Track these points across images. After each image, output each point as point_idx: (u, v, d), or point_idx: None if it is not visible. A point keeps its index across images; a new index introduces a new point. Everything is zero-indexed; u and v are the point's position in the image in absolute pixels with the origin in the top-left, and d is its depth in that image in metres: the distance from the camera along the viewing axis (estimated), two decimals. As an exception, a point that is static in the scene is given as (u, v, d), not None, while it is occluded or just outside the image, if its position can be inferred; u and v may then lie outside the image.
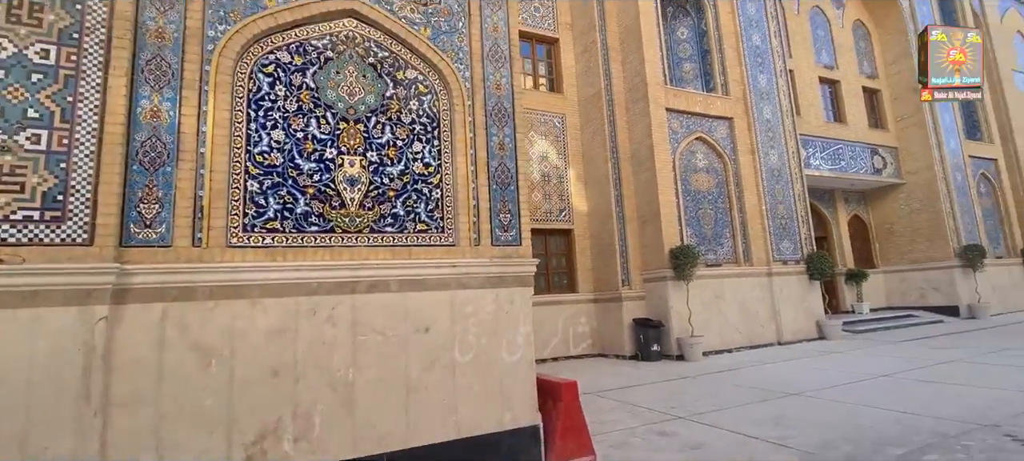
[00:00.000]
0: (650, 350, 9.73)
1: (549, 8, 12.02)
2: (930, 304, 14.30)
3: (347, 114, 3.82)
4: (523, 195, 4.31)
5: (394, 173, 3.88)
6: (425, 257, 3.81)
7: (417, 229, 3.89)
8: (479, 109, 4.22)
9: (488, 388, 3.83)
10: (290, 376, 3.28)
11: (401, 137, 3.96)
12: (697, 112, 11.15)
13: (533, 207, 10.78)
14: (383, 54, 4.01)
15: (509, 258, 4.08)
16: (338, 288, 3.48)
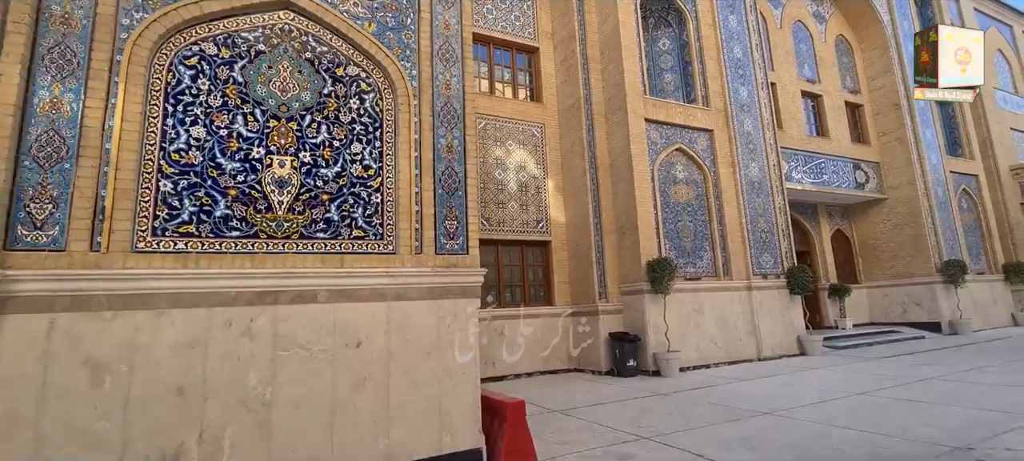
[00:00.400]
0: (626, 365, 9.44)
1: (529, 17, 11.88)
2: (912, 320, 14.15)
3: (279, 111, 3.55)
4: (473, 201, 4.05)
5: (329, 175, 3.61)
6: (360, 266, 3.53)
7: (353, 235, 3.61)
8: (426, 109, 3.97)
9: (426, 408, 3.54)
10: (197, 395, 2.97)
11: (339, 137, 3.70)
12: (677, 123, 10.99)
13: (510, 218, 10.53)
14: (322, 49, 3.76)
15: (454, 268, 3.81)
16: (259, 298, 3.19)
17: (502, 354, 9.79)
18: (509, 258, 10.60)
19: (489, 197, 10.39)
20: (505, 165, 10.71)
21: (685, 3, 11.90)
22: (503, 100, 11.10)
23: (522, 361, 9.97)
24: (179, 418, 2.90)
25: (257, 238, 3.32)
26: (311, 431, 3.19)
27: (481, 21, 11.23)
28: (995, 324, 14.46)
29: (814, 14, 15.68)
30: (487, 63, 11.36)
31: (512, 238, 10.52)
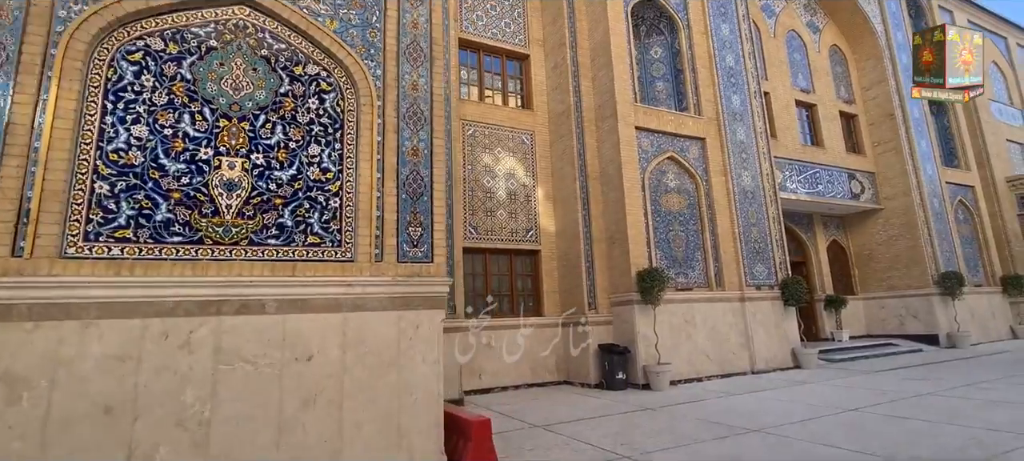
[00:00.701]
0: (615, 378, 9.17)
1: (520, 24, 11.74)
2: (909, 332, 13.87)
3: (230, 110, 3.35)
4: (439, 207, 3.83)
5: (284, 178, 3.39)
6: (314, 274, 3.31)
7: (307, 242, 3.39)
8: (391, 110, 3.77)
9: (383, 427, 3.29)
10: (127, 413, 2.73)
11: (295, 138, 3.49)
12: (668, 131, 10.80)
13: (498, 226, 10.31)
14: (279, 47, 3.57)
15: (416, 277, 3.58)
16: (200, 308, 2.96)
17: (489, 365, 9.52)
18: (498, 267, 10.37)
19: (477, 205, 10.18)
20: (494, 173, 10.51)
21: (677, 11, 11.77)
22: (492, 107, 10.93)
23: (510, 373, 9.70)
24: (105, 438, 2.67)
25: (202, 244, 3.10)
26: (253, 452, 2.95)
27: (470, 27, 11.10)
28: (994, 337, 14.19)
29: (808, 24, 15.58)
30: (477, 70, 11.21)
31: (501, 247, 10.29)
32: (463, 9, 11.06)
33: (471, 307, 9.87)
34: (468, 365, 9.29)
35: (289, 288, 3.18)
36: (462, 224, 9.86)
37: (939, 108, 16.70)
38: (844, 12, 15.77)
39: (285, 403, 3.07)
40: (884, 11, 15.71)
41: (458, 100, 10.44)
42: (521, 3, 11.83)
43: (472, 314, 9.78)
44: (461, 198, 9.94)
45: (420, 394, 3.43)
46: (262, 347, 3.07)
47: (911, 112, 14.99)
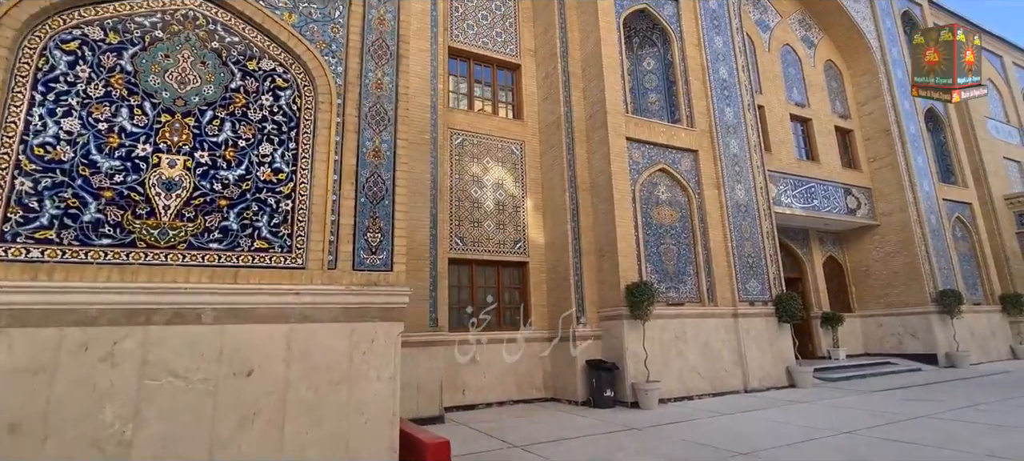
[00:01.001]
0: (603, 396, 8.84)
1: (512, 34, 11.62)
2: (908, 351, 13.56)
3: (174, 105, 3.12)
4: (401, 212, 3.59)
5: (230, 178, 3.16)
6: (258, 281, 3.06)
7: (254, 247, 3.14)
8: (352, 109, 3.55)
9: (330, 450, 3.02)
10: (36, 432, 2.47)
11: (246, 136, 3.26)
12: (660, 143, 10.60)
13: (485, 237, 10.05)
14: (232, 40, 3.36)
15: (374, 286, 3.33)
16: (127, 317, 2.71)
17: (473, 381, 9.21)
18: (484, 279, 10.09)
19: (464, 215, 9.94)
20: (482, 183, 10.29)
21: (670, 23, 11.66)
22: (482, 116, 10.74)
23: (494, 388, 9.37)
24: (10, 459, 2.40)
25: (133, 247, 2.85)
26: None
27: (461, 36, 10.96)
28: (994, 357, 13.87)
29: (803, 39, 15.50)
30: (467, 79, 11.05)
31: (488, 258, 10.03)
32: (453, 18, 10.93)
33: (456, 320, 9.59)
34: (452, 380, 8.98)
35: (229, 296, 2.93)
36: (448, 234, 9.62)
37: (935, 124, 16.58)
38: (839, 28, 15.71)
39: (219, 422, 2.80)
40: (879, 27, 15.65)
41: (447, 109, 10.26)
42: (513, 13, 11.72)
43: (457, 327, 9.49)
44: (447, 207, 9.70)
45: (373, 414, 3.16)
46: (195, 361, 2.81)
47: (907, 128, 14.84)
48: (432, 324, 8.42)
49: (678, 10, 11.80)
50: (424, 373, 8.10)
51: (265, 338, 2.98)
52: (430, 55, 9.59)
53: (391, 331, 3.33)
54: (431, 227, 8.79)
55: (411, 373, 8.06)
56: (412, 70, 9.24)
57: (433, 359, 8.25)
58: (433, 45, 9.72)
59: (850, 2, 15.48)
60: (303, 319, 3.10)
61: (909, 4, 17.32)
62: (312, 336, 3.10)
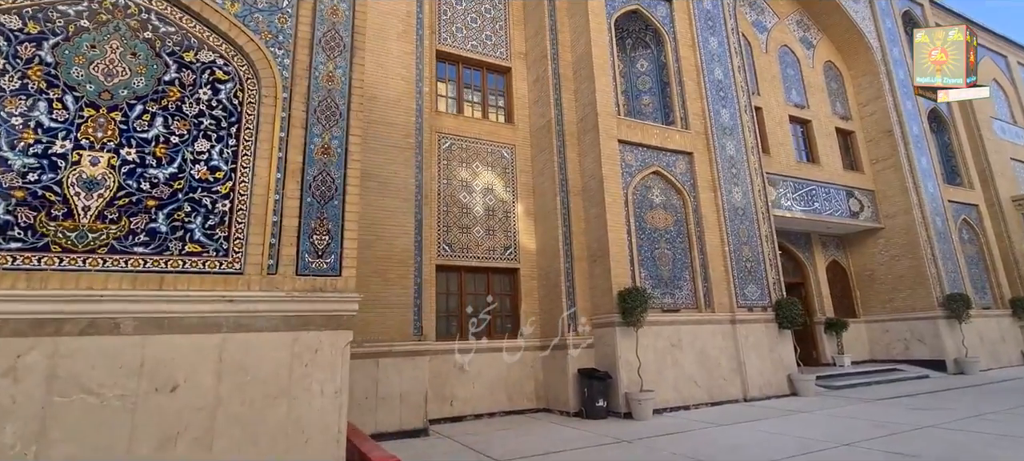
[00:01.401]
0: (595, 406, 8.49)
1: (502, 36, 11.40)
2: (915, 357, 13.08)
3: (99, 99, 2.88)
4: (353, 212, 3.33)
5: (160, 177, 2.91)
6: (187, 287, 2.80)
7: (185, 251, 2.89)
8: (299, 103, 3.30)
9: (264, 472, 2.75)
10: (-79, 457, 2.22)
11: (179, 131, 3.02)
12: (654, 145, 10.31)
13: (474, 243, 9.77)
14: (167, 30, 3.13)
15: (318, 292, 3.06)
16: (34, 328, 2.45)
17: (462, 391, 8.88)
18: (474, 286, 9.80)
19: (452, 221, 9.68)
20: (471, 188, 10.02)
21: (663, 24, 11.40)
22: (471, 120, 10.50)
23: (483, 399, 9.04)
24: None
25: (47, 252, 2.61)
26: (88, 505, 2.41)
27: (449, 40, 10.76)
28: (1004, 363, 13.35)
29: (801, 39, 15.19)
30: (456, 83, 10.84)
31: (477, 265, 9.74)
32: (442, 22, 10.74)
33: (444, 328, 9.29)
34: (439, 391, 8.67)
35: (153, 304, 2.67)
36: (435, 240, 9.35)
37: (939, 125, 16.18)
38: (838, 28, 15.39)
39: (138, 442, 2.53)
40: (879, 27, 15.32)
41: (434, 112, 10.04)
42: (503, 16, 11.52)
43: (445, 336, 9.20)
44: (434, 213, 9.44)
45: (315, 432, 2.88)
46: (112, 375, 2.55)
47: (910, 128, 14.46)
48: (417, 333, 8.13)
49: (671, 11, 11.56)
50: (408, 384, 7.79)
51: (193, 349, 2.72)
52: (416, 58, 9.38)
53: (337, 341, 3.06)
54: (416, 233, 8.52)
55: (394, 384, 7.76)
56: (396, 73, 9.03)
57: (418, 369, 7.94)
58: (419, 48, 9.51)
59: (849, 2, 15.17)
60: (238, 328, 2.84)
61: (910, 4, 16.99)
62: (247, 347, 2.83)
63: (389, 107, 8.75)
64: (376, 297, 7.93)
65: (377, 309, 7.89)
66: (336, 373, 3.00)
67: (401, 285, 8.15)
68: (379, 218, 8.29)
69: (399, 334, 7.93)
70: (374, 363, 7.63)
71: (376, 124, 8.60)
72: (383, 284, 8.05)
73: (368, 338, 7.71)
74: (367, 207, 8.27)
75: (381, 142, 8.60)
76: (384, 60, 8.99)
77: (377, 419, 7.52)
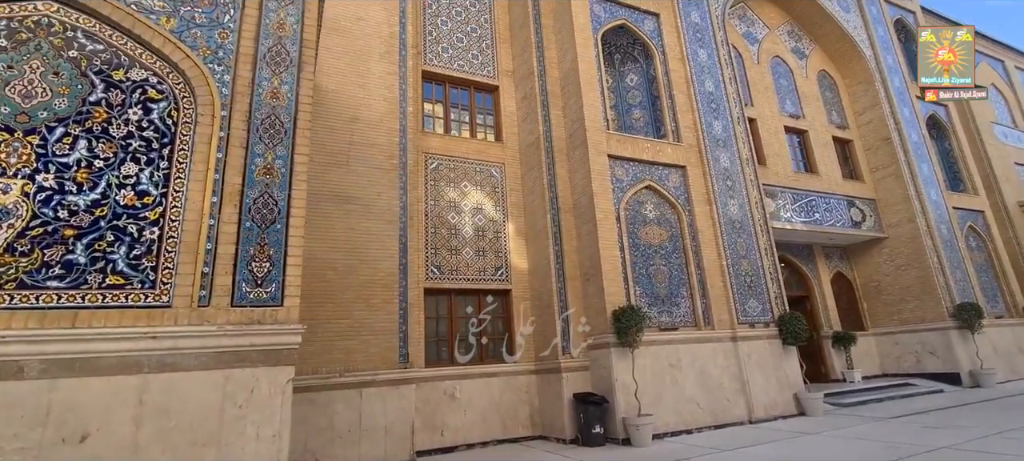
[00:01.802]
0: (592, 432, 8.05)
1: (489, 55, 11.29)
2: (928, 370, 12.54)
3: (14, 122, 2.66)
4: (297, 237, 3.07)
5: (81, 204, 2.67)
6: (105, 324, 2.53)
7: (106, 283, 2.62)
8: (239, 121, 3.07)
9: (187, 530, 2.43)
10: None
11: (104, 155, 2.79)
12: (645, 159, 10.05)
13: (464, 265, 9.48)
14: (95, 48, 2.93)
15: (256, 325, 2.78)
16: (-79, 376, 2.20)
17: (453, 420, 8.48)
18: (464, 309, 9.47)
19: (441, 243, 9.40)
20: (460, 208, 9.77)
21: (651, 38, 11.27)
22: (458, 139, 10.30)
23: (476, 427, 8.63)
24: None
25: (-57, 289, 2.36)
26: None
27: (435, 60, 10.65)
28: (1021, 374, 12.77)
29: (793, 50, 15.03)
30: (443, 103, 10.69)
31: (468, 287, 9.43)
32: (427, 42, 10.65)
33: (434, 354, 8.95)
34: (429, 420, 8.28)
35: (63, 344, 2.40)
36: (423, 263, 9.07)
37: (939, 132, 15.88)
38: (830, 38, 15.24)
39: (38, 503, 2.24)
40: (872, 35, 15.16)
41: (421, 133, 9.87)
42: (490, 35, 11.43)
43: (434, 361, 8.85)
44: (422, 235, 9.18)
45: (248, 481, 2.57)
46: (12, 425, 2.27)
47: (909, 135, 14.16)
48: (402, 360, 7.79)
49: (659, 25, 11.43)
50: (393, 414, 7.43)
51: (109, 393, 2.44)
52: (399, 78, 9.25)
53: (277, 377, 2.76)
54: (401, 255, 8.25)
55: (378, 415, 7.40)
56: (379, 93, 8.88)
57: (404, 399, 7.58)
58: (402, 68, 9.39)
59: (840, 11, 15.05)
60: (162, 368, 2.56)
61: (901, 12, 16.88)
62: (172, 388, 2.54)
63: (371, 128, 8.58)
64: (360, 323, 7.64)
65: (361, 336, 7.58)
66: (275, 414, 2.70)
67: (386, 310, 7.85)
68: (362, 241, 8.04)
69: (384, 362, 7.60)
70: (357, 393, 7.29)
71: (358, 145, 8.42)
72: (367, 310, 7.75)
73: (351, 367, 7.39)
74: (349, 231, 8.03)
75: (364, 164, 8.40)
76: (366, 81, 8.86)
77: (361, 452, 7.14)
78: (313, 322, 7.30)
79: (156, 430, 2.48)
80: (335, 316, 7.46)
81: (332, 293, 7.56)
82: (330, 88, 8.52)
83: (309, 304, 7.41)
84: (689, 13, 11.86)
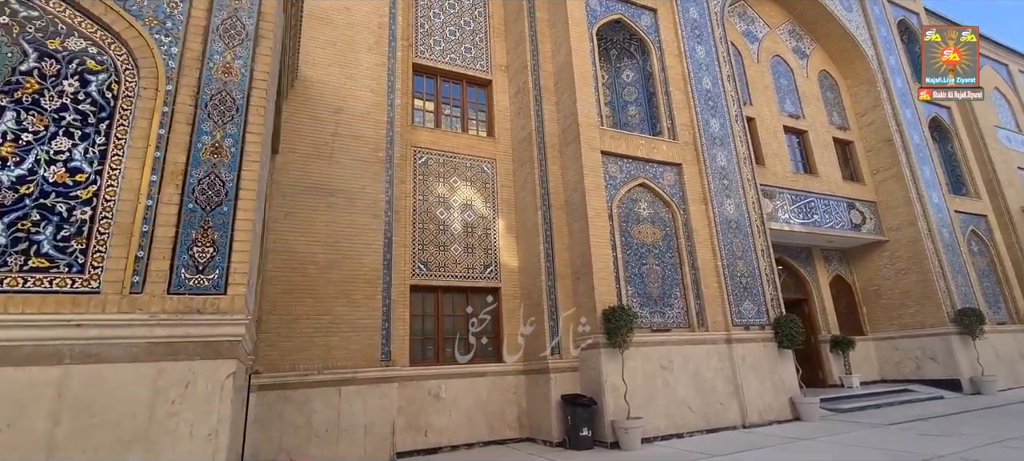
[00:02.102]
0: (579, 435, 7.81)
1: (482, 48, 11.07)
2: (928, 376, 12.27)
3: (-68, 90, 2.47)
4: (245, 220, 2.84)
5: (3, 181, 2.46)
6: (22, 310, 2.32)
7: (29, 266, 2.41)
8: (186, 96, 2.86)
9: (106, 537, 2.21)
10: None
11: (34, 128, 2.57)
12: (640, 157, 9.81)
13: (452, 261, 9.25)
14: (29, 13, 2.72)
15: (195, 314, 2.56)
16: None
17: (437, 420, 8.24)
18: (452, 307, 9.25)
19: (428, 239, 9.18)
20: (449, 204, 9.55)
21: (648, 33, 11.04)
22: (449, 134, 10.08)
23: (461, 428, 8.39)
24: None
25: None
26: None
27: (427, 53, 10.43)
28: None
29: (794, 49, 14.79)
30: (434, 96, 10.48)
31: (455, 284, 9.20)
32: (419, 35, 10.43)
33: (419, 352, 8.72)
34: (413, 420, 8.04)
35: (-28, 332, 2.19)
36: (410, 259, 8.85)
37: (941, 134, 15.63)
38: (832, 38, 14.99)
39: (-65, 506, 2.03)
40: (874, 35, 14.91)
41: (410, 127, 9.65)
42: (484, 28, 11.22)
43: (419, 360, 8.62)
44: (409, 230, 8.96)
45: (178, 486, 2.35)
46: (-91, 420, 2.06)
47: (911, 137, 13.91)
48: (384, 358, 7.56)
49: (656, 20, 11.20)
50: (373, 413, 7.20)
51: (23, 386, 2.22)
52: (387, 70, 9.03)
53: (217, 372, 2.54)
54: (385, 251, 8.03)
55: (358, 414, 7.18)
56: (366, 85, 8.67)
57: (385, 398, 7.36)
58: (391, 60, 9.17)
59: (842, 11, 14.81)
60: (85, 358, 2.34)
61: (905, 13, 16.63)
62: (97, 381, 2.33)
63: (357, 120, 8.37)
64: (341, 320, 7.41)
65: (341, 332, 7.36)
66: (211, 412, 2.47)
67: (368, 307, 7.62)
68: (345, 235, 7.82)
69: (365, 359, 7.37)
70: (336, 391, 7.06)
71: (343, 137, 8.20)
72: (348, 306, 7.53)
73: (330, 364, 7.16)
74: (332, 224, 7.82)
75: (349, 156, 8.19)
76: (353, 71, 8.65)
77: (339, 452, 6.91)
78: (291, 317, 7.08)
79: (76, 427, 2.27)
80: (315, 311, 7.24)
81: (312, 288, 7.34)
82: (315, 78, 8.32)
83: (288, 299, 7.20)
84: (687, 9, 11.63)
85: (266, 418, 6.57)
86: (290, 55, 6.84)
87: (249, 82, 3.07)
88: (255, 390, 6.53)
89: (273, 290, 7.06)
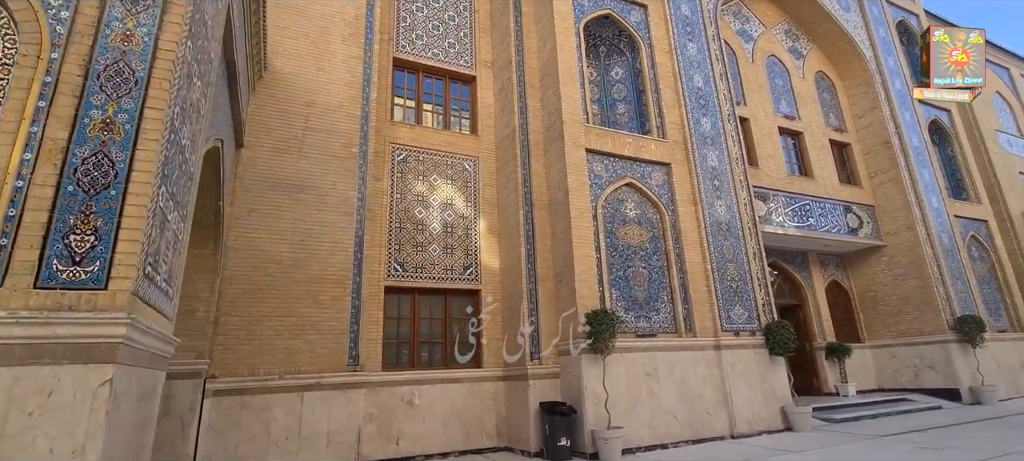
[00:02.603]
0: (557, 445, 7.41)
1: (466, 44, 10.74)
2: (926, 385, 11.85)
3: None
4: (137, 207, 2.49)
5: None
6: None
7: None
8: (75, 65, 2.52)
9: None
10: None
11: None
12: (627, 155, 9.45)
13: (430, 262, 8.88)
14: None
15: (65, 312, 2.21)
16: None
17: (410, 428, 7.85)
18: (429, 310, 8.88)
19: (405, 238, 8.82)
20: (428, 202, 9.19)
21: (637, 29, 10.70)
22: (430, 131, 9.73)
23: (436, 437, 7.99)
24: None
25: None
26: None
27: (409, 48, 10.11)
28: (1026, 392, 12.09)
29: (790, 49, 14.44)
30: (415, 92, 10.15)
31: (433, 286, 8.84)
32: (401, 28, 10.11)
33: (393, 356, 8.35)
34: (384, 428, 7.65)
35: None
36: (384, 259, 8.48)
37: (941, 138, 15.26)
38: (829, 38, 14.65)
39: None
40: (873, 36, 14.57)
41: (389, 122, 9.31)
42: (469, 23, 10.90)
43: (393, 365, 8.25)
44: (384, 229, 8.60)
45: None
46: None
47: (909, 140, 13.54)
48: (352, 362, 7.19)
49: (647, 16, 10.87)
50: (338, 421, 6.83)
51: None
52: (363, 63, 8.70)
53: (88, 379, 2.19)
54: (355, 250, 7.67)
55: (321, 421, 6.80)
56: (339, 78, 8.33)
57: (351, 404, 6.98)
58: (368, 53, 8.84)
59: (840, 11, 14.48)
60: (-78, 364, 2.00)
61: (905, 14, 16.29)
62: (-65, 390, 1.98)
63: (329, 113, 8.03)
64: (305, 321, 7.05)
65: (306, 335, 6.99)
66: (78, 425, 2.12)
67: (335, 308, 7.26)
68: (313, 233, 7.46)
69: (330, 364, 7.00)
70: (298, 397, 6.69)
71: (313, 131, 7.86)
72: (314, 307, 7.16)
73: (293, 369, 6.79)
74: (298, 221, 7.46)
75: (319, 151, 7.84)
76: (325, 63, 8.32)
77: (299, 462, 6.55)
78: (251, 319, 6.72)
79: (-97, 443, 1.92)
80: (278, 313, 6.88)
81: (275, 287, 6.98)
82: (285, 70, 7.99)
83: (249, 299, 6.84)
84: (679, 5, 11.31)
85: (221, 425, 6.20)
86: (254, 44, 6.51)
87: (153, 52, 2.73)
88: (210, 396, 6.16)
89: (232, 289, 6.70)
